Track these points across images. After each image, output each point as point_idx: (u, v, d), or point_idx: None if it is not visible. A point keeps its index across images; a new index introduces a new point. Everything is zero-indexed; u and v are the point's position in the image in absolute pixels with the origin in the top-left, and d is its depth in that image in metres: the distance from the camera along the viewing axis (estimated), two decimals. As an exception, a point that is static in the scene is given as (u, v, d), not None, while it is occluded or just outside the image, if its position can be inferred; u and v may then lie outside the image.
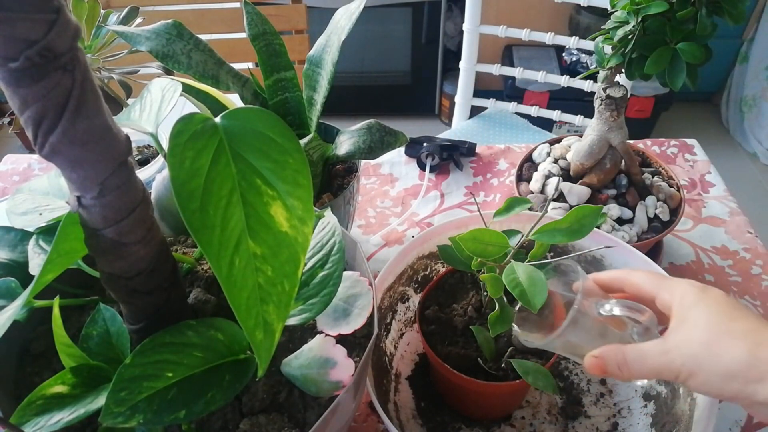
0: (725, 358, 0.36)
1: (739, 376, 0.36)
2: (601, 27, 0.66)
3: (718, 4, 0.58)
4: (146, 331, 0.37)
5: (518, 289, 0.42)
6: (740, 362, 0.36)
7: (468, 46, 1.27)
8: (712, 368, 0.37)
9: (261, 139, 0.31)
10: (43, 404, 0.35)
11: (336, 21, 0.65)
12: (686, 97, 2.36)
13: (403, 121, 2.33)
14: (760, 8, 2.07)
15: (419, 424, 0.59)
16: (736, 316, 0.38)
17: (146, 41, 0.59)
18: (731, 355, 0.36)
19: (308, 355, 0.40)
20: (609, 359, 0.41)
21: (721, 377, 0.36)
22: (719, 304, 0.39)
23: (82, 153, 0.29)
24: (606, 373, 0.41)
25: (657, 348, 0.39)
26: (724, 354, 0.36)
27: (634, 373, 0.40)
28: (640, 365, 0.40)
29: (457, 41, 2.25)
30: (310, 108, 0.67)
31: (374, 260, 0.79)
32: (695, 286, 0.41)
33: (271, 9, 1.23)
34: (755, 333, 0.36)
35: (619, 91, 0.69)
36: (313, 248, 0.42)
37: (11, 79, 0.26)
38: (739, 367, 0.36)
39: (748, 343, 0.36)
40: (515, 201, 0.49)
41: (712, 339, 0.37)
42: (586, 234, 0.44)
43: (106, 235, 0.32)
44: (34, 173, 0.94)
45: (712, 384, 0.37)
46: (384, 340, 0.62)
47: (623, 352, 0.40)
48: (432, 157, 0.90)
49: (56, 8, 0.26)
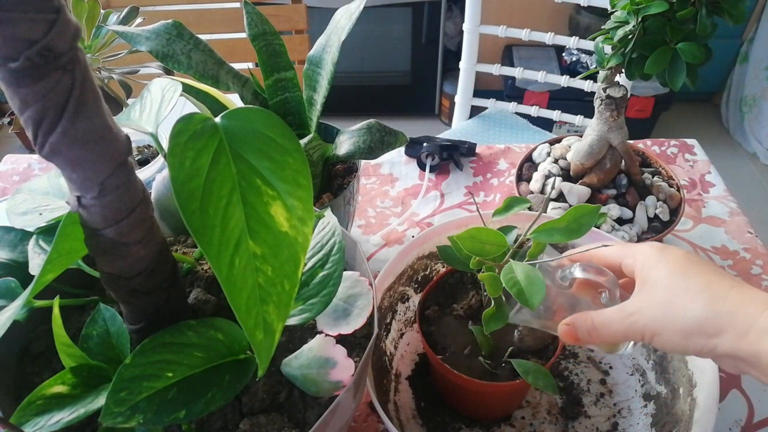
0: (684, 316, 0.37)
1: (698, 332, 0.37)
2: (601, 27, 0.66)
3: (718, 4, 0.58)
4: (146, 331, 0.37)
5: (516, 288, 0.42)
6: (698, 318, 0.37)
7: (468, 46, 1.27)
8: (673, 327, 0.38)
9: (261, 139, 0.31)
10: (43, 404, 0.35)
11: (336, 21, 0.65)
12: (686, 97, 2.36)
13: (403, 121, 2.33)
14: (760, 8, 2.07)
15: (419, 424, 0.59)
16: (693, 273, 0.39)
17: (146, 41, 0.59)
18: (689, 313, 0.37)
19: (308, 355, 0.40)
20: (579, 326, 0.42)
21: (682, 335, 0.37)
22: (677, 262, 0.40)
23: (82, 153, 0.29)
24: (578, 341, 0.43)
25: (621, 312, 0.40)
26: (682, 312, 0.37)
27: (603, 337, 0.41)
28: (607, 329, 0.41)
29: (457, 41, 2.25)
30: (310, 108, 0.67)
31: (374, 260, 0.79)
32: (654, 247, 0.42)
33: (271, 9, 1.23)
34: (711, 288, 0.37)
35: (619, 91, 0.69)
36: (313, 248, 0.42)
37: (11, 79, 0.26)
38: (697, 323, 0.37)
39: (705, 299, 0.37)
40: (514, 201, 0.49)
41: (670, 298, 0.38)
42: (584, 233, 0.45)
43: (106, 235, 0.32)
44: (34, 173, 0.94)
45: (675, 342, 0.38)
46: (384, 340, 0.62)
47: (590, 318, 0.42)
48: (432, 157, 0.90)
49: (56, 8, 0.26)
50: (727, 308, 0.36)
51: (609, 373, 0.63)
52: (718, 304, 0.36)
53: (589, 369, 0.64)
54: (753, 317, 0.35)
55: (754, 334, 0.35)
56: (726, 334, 0.36)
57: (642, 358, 0.62)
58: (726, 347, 0.36)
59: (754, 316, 0.35)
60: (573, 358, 0.65)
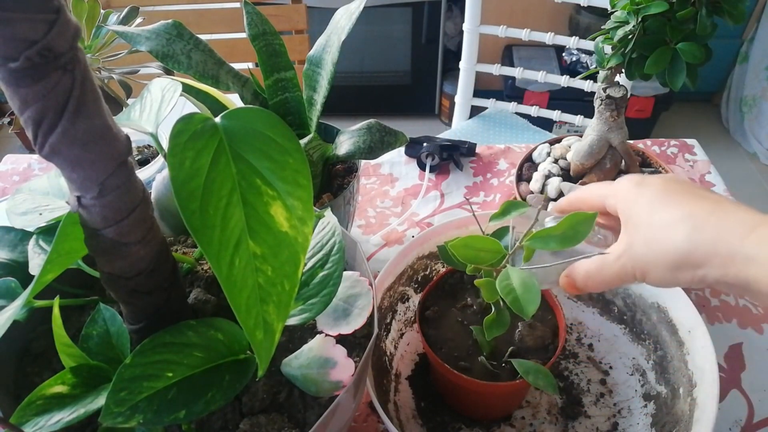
0: (667, 250, 0.36)
1: (684, 264, 0.35)
2: (601, 27, 0.66)
3: (718, 4, 0.58)
4: (146, 331, 0.37)
5: (511, 296, 0.41)
6: (681, 250, 0.35)
7: (468, 46, 1.27)
8: (659, 262, 0.37)
9: (261, 139, 0.31)
10: (43, 404, 0.35)
11: (336, 21, 0.65)
12: (686, 97, 2.37)
13: (403, 121, 2.33)
14: (760, 8, 2.07)
15: (419, 424, 0.59)
16: (673, 202, 0.37)
17: (146, 41, 0.59)
18: (672, 246, 0.36)
19: (308, 355, 0.40)
20: (576, 275, 0.42)
21: (669, 269, 0.36)
22: (656, 193, 0.38)
23: (82, 153, 0.29)
24: (578, 289, 0.42)
25: (611, 256, 0.40)
26: (665, 246, 0.36)
27: (599, 283, 0.41)
28: (601, 275, 0.40)
29: (457, 41, 2.25)
30: (310, 108, 0.67)
31: (374, 260, 0.79)
32: (632, 181, 0.41)
33: (271, 9, 1.23)
34: (691, 217, 0.36)
35: (619, 91, 0.69)
36: (313, 248, 0.42)
37: (11, 79, 0.26)
38: (681, 255, 0.35)
39: (686, 230, 0.35)
40: (511, 205, 0.49)
41: (653, 234, 0.37)
42: (581, 240, 0.44)
43: (106, 235, 0.32)
44: (34, 173, 0.94)
45: (666, 277, 0.37)
46: (384, 340, 0.62)
47: (584, 266, 0.41)
48: (432, 157, 0.90)
49: (56, 8, 0.26)
50: (708, 236, 0.34)
51: (609, 373, 0.63)
52: (699, 233, 0.35)
53: (589, 369, 0.64)
54: (736, 244, 0.33)
55: (740, 261, 0.33)
56: (712, 263, 0.34)
57: (642, 358, 0.62)
58: (715, 276, 0.34)
59: (737, 243, 0.33)
60: (573, 358, 0.65)
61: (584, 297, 0.69)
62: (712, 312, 0.70)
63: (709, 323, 0.69)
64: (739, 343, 0.67)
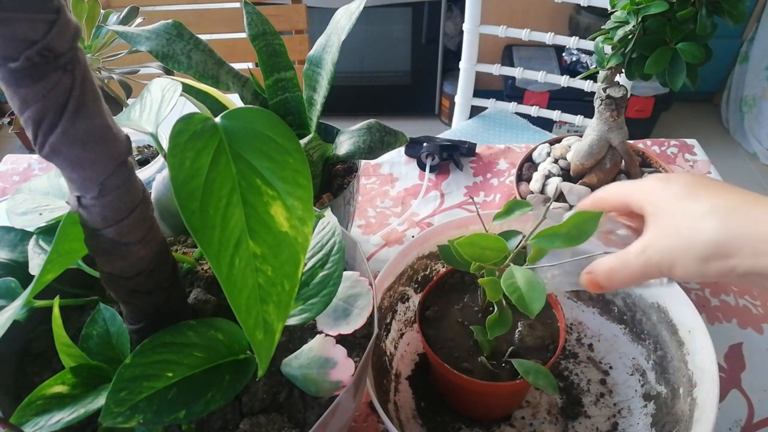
0: (696, 241, 0.35)
1: (714, 255, 0.35)
2: (601, 27, 0.66)
3: (718, 4, 0.58)
4: (146, 331, 0.37)
5: (516, 295, 0.41)
6: (710, 242, 0.35)
7: (468, 46, 1.27)
8: (687, 254, 0.36)
9: (261, 139, 0.31)
10: (43, 404, 0.35)
11: (336, 21, 0.65)
12: (686, 97, 2.36)
13: (403, 121, 2.33)
14: (760, 8, 2.07)
15: (419, 424, 0.59)
16: (700, 195, 0.37)
17: (146, 41, 0.59)
18: (701, 236, 0.35)
19: (308, 355, 0.40)
20: (598, 272, 0.41)
21: (698, 261, 0.36)
22: (683, 187, 0.38)
23: (82, 153, 0.29)
24: (600, 287, 0.41)
25: (635, 250, 0.39)
26: (693, 237, 0.36)
27: (623, 279, 0.40)
28: (624, 270, 0.39)
29: (457, 41, 2.25)
30: (310, 108, 0.67)
31: (374, 260, 0.79)
32: (658, 178, 0.40)
33: (271, 9, 1.23)
34: (720, 209, 0.35)
35: (619, 91, 0.69)
36: (313, 248, 0.42)
37: (11, 79, 0.26)
38: (711, 246, 0.35)
39: (715, 221, 0.35)
40: (515, 204, 0.49)
41: (680, 226, 0.36)
42: (586, 239, 0.44)
43: (106, 235, 0.32)
44: (34, 173, 0.94)
45: (693, 270, 0.36)
46: (384, 340, 0.62)
47: (607, 262, 0.41)
48: (432, 157, 0.90)
49: (56, 8, 0.26)
50: (740, 226, 0.34)
51: (609, 373, 0.63)
52: (729, 223, 0.34)
53: (589, 369, 0.64)
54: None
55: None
56: (743, 253, 0.34)
57: (642, 358, 0.62)
58: (745, 266, 0.34)
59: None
60: (573, 358, 0.65)
61: (584, 297, 0.69)
62: (712, 312, 0.70)
63: (709, 323, 0.69)
64: (739, 343, 0.67)
